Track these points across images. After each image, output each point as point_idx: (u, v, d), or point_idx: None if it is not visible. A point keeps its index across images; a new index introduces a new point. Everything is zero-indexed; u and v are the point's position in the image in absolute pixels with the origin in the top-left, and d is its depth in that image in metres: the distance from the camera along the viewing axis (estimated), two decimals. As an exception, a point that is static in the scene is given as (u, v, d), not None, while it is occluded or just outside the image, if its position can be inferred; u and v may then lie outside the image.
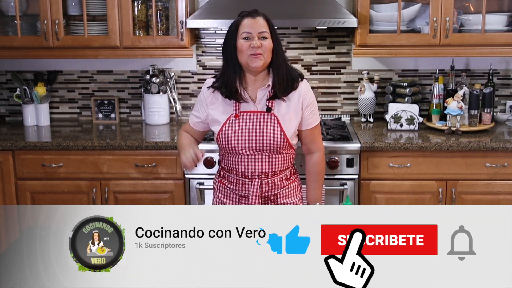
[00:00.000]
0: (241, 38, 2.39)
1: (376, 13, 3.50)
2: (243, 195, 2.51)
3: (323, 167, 2.64)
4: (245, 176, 2.48)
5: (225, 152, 2.50)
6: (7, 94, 3.97)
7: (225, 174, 2.56)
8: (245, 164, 2.46)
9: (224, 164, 2.56)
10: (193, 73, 3.89)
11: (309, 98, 2.51)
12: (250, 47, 2.36)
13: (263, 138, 2.43)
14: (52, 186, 3.38)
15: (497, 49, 3.45)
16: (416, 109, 3.54)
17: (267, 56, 2.39)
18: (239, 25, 2.40)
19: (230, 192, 2.54)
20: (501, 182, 3.29)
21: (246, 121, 2.45)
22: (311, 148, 2.60)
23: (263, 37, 2.38)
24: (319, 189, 2.63)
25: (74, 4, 3.62)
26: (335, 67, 3.85)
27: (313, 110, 2.54)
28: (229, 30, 2.44)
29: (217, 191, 2.59)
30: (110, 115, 3.91)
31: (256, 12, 2.42)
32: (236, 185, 2.51)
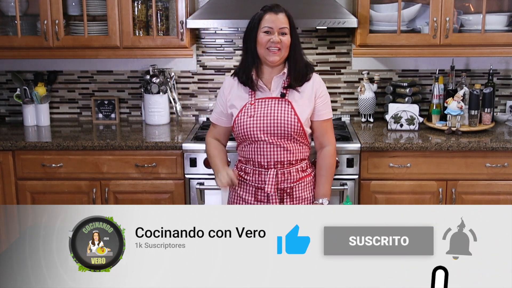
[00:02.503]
0: (262, 31, 2.50)
1: (376, 13, 3.50)
2: (260, 186, 2.57)
3: (333, 162, 2.65)
4: (261, 166, 2.55)
5: (241, 141, 2.58)
6: (7, 94, 3.97)
7: (242, 166, 2.63)
8: (261, 153, 2.54)
9: (241, 155, 2.63)
10: (193, 73, 3.89)
11: (322, 90, 2.61)
12: (270, 42, 2.48)
13: (277, 122, 2.51)
14: (52, 186, 3.38)
15: (497, 49, 3.45)
16: (416, 109, 3.54)
17: (284, 51, 2.51)
18: (262, 19, 2.51)
19: (247, 184, 2.60)
20: (501, 182, 3.29)
21: (261, 107, 2.55)
22: (323, 141, 2.64)
23: (283, 33, 2.50)
24: (328, 184, 2.63)
25: (74, 4, 3.62)
26: (335, 67, 3.85)
27: (326, 102, 2.63)
28: (251, 22, 2.55)
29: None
30: (110, 115, 3.91)
31: (278, 8, 2.52)
32: (252, 176, 2.58)
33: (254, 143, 2.55)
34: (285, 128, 2.52)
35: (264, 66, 2.58)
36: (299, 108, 2.54)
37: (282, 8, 2.54)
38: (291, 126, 2.52)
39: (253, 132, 2.53)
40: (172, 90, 3.79)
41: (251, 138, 2.54)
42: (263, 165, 2.55)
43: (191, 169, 3.30)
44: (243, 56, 2.60)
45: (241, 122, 2.55)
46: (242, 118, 2.54)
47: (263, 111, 2.53)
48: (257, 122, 2.53)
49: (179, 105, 3.81)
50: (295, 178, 2.57)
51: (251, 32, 2.53)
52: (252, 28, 2.53)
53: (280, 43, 2.49)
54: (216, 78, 3.89)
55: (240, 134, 2.57)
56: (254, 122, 2.53)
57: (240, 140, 2.61)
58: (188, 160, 3.29)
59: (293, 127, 2.52)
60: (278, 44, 2.48)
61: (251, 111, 2.54)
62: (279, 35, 2.49)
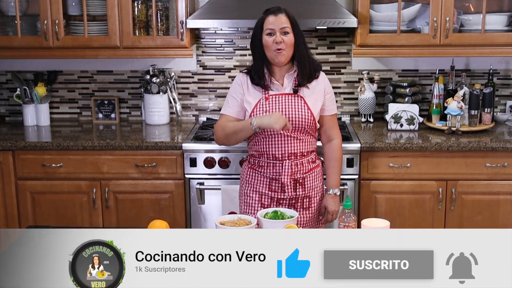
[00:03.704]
0: (265, 34, 2.58)
1: (376, 13, 3.50)
2: (274, 177, 2.65)
3: (341, 154, 2.80)
4: (276, 158, 2.63)
5: (256, 135, 2.64)
6: (7, 94, 3.97)
7: (255, 160, 2.70)
8: (276, 145, 2.62)
9: (254, 150, 2.70)
10: (193, 73, 3.89)
11: (329, 87, 2.74)
12: (274, 43, 2.56)
13: (293, 117, 2.59)
14: (52, 186, 3.38)
15: (497, 49, 3.45)
16: (416, 109, 3.54)
17: (288, 50, 2.58)
18: (264, 22, 2.60)
19: (261, 176, 2.68)
20: (501, 182, 3.29)
21: (275, 102, 2.62)
22: (331, 134, 2.77)
23: (284, 32, 2.57)
24: (338, 175, 2.78)
25: (74, 4, 3.62)
26: (335, 67, 3.85)
27: (332, 99, 2.75)
28: (256, 27, 2.63)
29: (248, 177, 2.72)
30: (110, 115, 3.91)
31: (278, 10, 2.60)
32: (267, 168, 2.66)
33: (269, 137, 2.62)
34: (300, 122, 2.61)
35: (273, 67, 2.66)
36: (311, 103, 2.64)
37: (282, 9, 2.61)
38: (306, 119, 2.61)
39: None
40: (172, 90, 3.79)
41: (267, 131, 2.60)
42: (277, 157, 2.63)
43: (191, 169, 3.30)
44: (254, 60, 2.69)
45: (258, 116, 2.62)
46: (258, 113, 2.62)
47: (279, 106, 2.61)
48: None
49: (179, 105, 3.81)
50: (307, 168, 2.67)
51: (256, 36, 2.63)
52: (256, 33, 2.63)
53: (283, 43, 2.55)
54: (216, 78, 3.89)
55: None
56: None
57: (254, 134, 2.65)
58: (188, 160, 3.29)
59: (307, 121, 2.62)
60: (281, 44, 2.55)
61: (266, 106, 2.62)
62: (281, 35, 2.56)
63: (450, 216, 3.32)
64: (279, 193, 2.65)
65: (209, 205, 3.32)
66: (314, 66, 2.69)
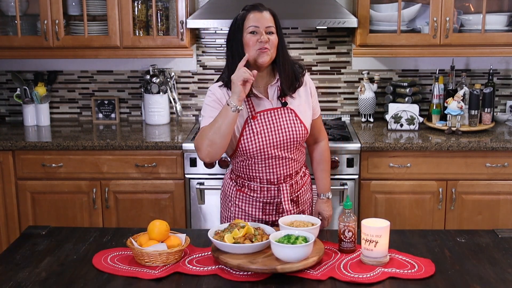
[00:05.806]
0: (248, 32, 2.27)
1: (376, 13, 3.50)
2: (268, 201, 2.40)
3: (330, 154, 2.62)
4: (271, 183, 2.38)
5: (247, 159, 2.36)
6: (7, 94, 3.97)
7: (244, 182, 2.41)
8: (271, 169, 2.36)
9: (242, 172, 2.40)
10: (193, 73, 3.89)
11: (313, 88, 2.49)
12: (258, 42, 2.25)
13: (287, 133, 2.33)
14: (52, 186, 3.38)
15: (497, 49, 3.45)
16: (416, 109, 3.54)
17: (273, 51, 2.29)
18: (245, 19, 2.28)
19: (253, 200, 2.41)
20: (501, 182, 3.29)
21: (265, 120, 2.33)
22: (319, 137, 2.56)
23: (270, 32, 2.27)
24: (328, 178, 2.58)
25: (74, 4, 3.62)
26: (335, 67, 3.85)
27: (317, 100, 2.52)
28: (234, 24, 2.32)
29: (237, 200, 2.43)
30: (110, 115, 3.91)
31: (262, 6, 2.31)
32: (260, 192, 2.39)
33: (263, 161, 2.34)
34: (294, 138, 2.35)
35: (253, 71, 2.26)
36: (302, 114, 2.38)
37: (265, 6, 2.33)
38: (300, 134, 2.36)
39: (264, 149, 2.32)
40: (172, 90, 3.79)
41: (261, 155, 2.33)
42: (272, 182, 2.37)
43: (191, 169, 3.30)
44: (229, 62, 2.33)
45: (248, 141, 2.31)
46: (249, 136, 2.31)
47: (270, 125, 2.32)
48: (267, 138, 2.32)
49: (179, 105, 3.81)
50: (300, 185, 2.46)
51: (236, 34, 2.29)
52: (236, 31, 2.30)
53: (269, 43, 2.25)
54: (216, 78, 3.86)
55: (248, 153, 2.33)
56: (263, 139, 2.31)
57: (244, 158, 2.36)
58: (188, 160, 3.29)
59: (302, 135, 2.37)
60: (267, 43, 2.24)
61: (256, 127, 2.31)
62: (267, 34, 2.26)
63: (450, 216, 3.32)
64: (274, 215, 2.40)
65: (209, 205, 3.32)
66: (296, 72, 2.39)
